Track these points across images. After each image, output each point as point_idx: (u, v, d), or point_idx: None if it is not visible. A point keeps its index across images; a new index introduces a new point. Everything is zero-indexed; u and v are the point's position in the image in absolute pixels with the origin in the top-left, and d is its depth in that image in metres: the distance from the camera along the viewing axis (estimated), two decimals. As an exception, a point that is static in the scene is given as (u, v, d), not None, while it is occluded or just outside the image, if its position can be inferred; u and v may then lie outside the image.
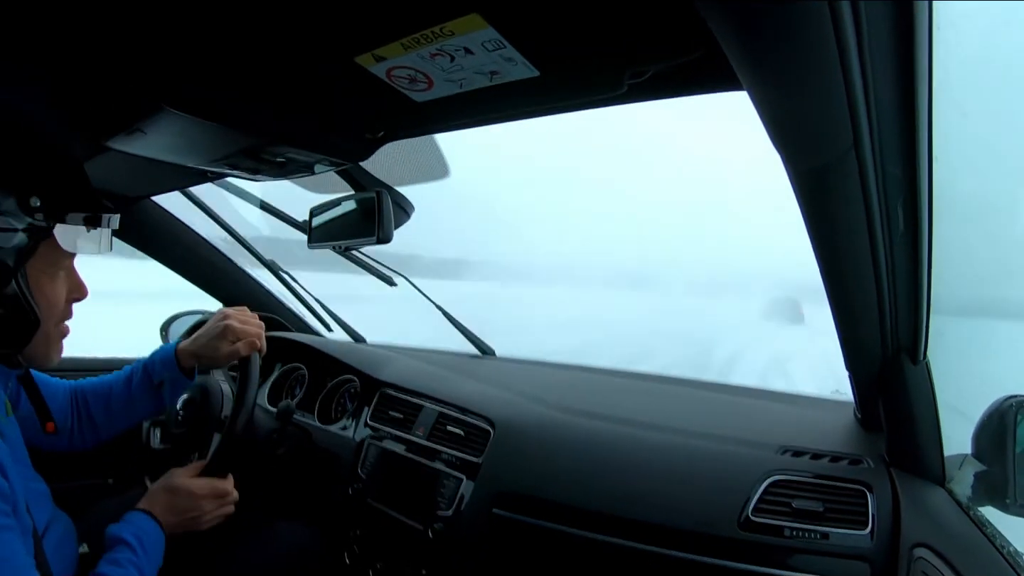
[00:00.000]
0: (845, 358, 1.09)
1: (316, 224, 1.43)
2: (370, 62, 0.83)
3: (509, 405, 1.49)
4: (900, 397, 1.02)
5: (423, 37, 0.75)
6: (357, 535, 1.56)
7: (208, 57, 0.88)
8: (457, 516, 1.34)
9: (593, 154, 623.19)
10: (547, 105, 0.95)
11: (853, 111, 0.59)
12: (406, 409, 1.61)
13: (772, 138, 0.65)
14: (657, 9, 0.67)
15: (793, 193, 0.73)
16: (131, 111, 1.00)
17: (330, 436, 1.69)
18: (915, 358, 0.99)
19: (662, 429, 1.32)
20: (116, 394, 1.25)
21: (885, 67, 0.58)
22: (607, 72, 0.81)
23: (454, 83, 0.86)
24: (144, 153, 1.18)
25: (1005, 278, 1.74)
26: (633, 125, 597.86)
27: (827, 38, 0.50)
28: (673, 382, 1.75)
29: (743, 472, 1.14)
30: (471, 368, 1.86)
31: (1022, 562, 0.86)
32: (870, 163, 0.66)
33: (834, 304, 0.94)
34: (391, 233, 1.25)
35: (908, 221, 0.77)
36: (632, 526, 1.15)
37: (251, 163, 1.21)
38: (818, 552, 1.03)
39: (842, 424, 1.33)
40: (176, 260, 2.06)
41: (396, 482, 1.50)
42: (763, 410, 1.47)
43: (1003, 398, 0.97)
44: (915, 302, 0.89)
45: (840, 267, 0.85)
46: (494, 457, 1.36)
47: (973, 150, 0.95)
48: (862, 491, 1.06)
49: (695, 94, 0.85)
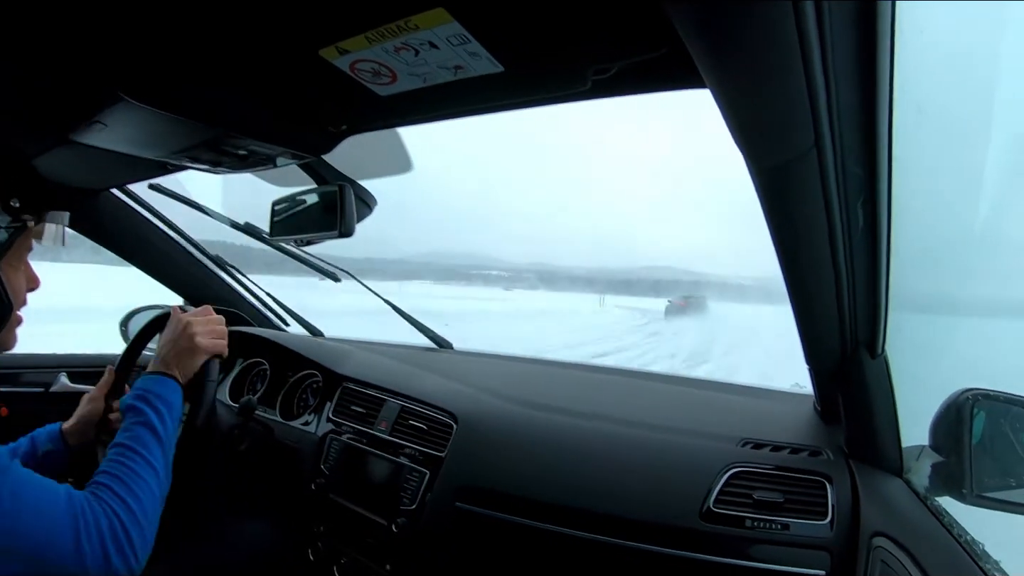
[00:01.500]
0: (805, 352, 1.10)
1: (277, 218, 1.41)
2: (333, 55, 0.82)
3: (472, 399, 1.49)
4: (859, 390, 1.03)
5: (388, 31, 0.74)
6: (321, 531, 1.54)
7: (169, 48, 0.86)
8: (420, 510, 1.34)
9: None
10: (511, 100, 0.94)
11: (815, 110, 0.59)
12: (368, 404, 1.60)
13: (734, 135, 0.65)
14: (622, 6, 0.67)
15: (754, 190, 0.74)
16: (91, 103, 0.99)
17: (292, 431, 1.67)
18: (874, 352, 1.00)
19: (624, 422, 1.33)
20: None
21: (848, 67, 0.59)
22: (571, 68, 0.80)
23: (418, 77, 0.86)
24: (104, 145, 1.16)
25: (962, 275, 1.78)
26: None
27: (790, 37, 0.50)
28: (633, 375, 1.77)
29: (704, 464, 1.15)
30: (431, 362, 1.85)
31: (978, 550, 0.88)
32: (831, 162, 0.67)
33: (794, 299, 0.95)
34: (353, 227, 1.24)
35: (868, 219, 0.78)
36: (595, 518, 1.15)
37: (212, 155, 1.19)
38: (779, 542, 1.05)
39: (802, 417, 1.35)
40: (136, 254, 2.01)
41: (359, 477, 1.49)
42: (724, 403, 1.49)
43: (960, 391, 0.99)
44: (874, 298, 0.91)
45: (800, 263, 0.86)
46: (457, 451, 1.36)
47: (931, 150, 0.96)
48: (822, 482, 1.08)
49: (659, 91, 0.85)
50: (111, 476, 0.97)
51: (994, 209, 1.40)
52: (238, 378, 1.94)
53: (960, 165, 1.27)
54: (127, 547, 0.92)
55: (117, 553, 0.90)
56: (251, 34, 0.81)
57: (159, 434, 1.05)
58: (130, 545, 0.92)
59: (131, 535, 0.93)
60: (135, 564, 0.93)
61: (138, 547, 0.93)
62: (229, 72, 0.93)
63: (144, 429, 1.04)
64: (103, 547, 0.89)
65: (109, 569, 0.89)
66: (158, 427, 1.05)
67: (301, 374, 1.82)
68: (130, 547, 0.92)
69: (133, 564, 0.92)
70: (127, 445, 1.02)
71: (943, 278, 1.63)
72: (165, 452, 1.05)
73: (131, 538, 0.93)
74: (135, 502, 0.96)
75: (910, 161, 0.76)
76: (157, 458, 1.02)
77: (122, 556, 0.91)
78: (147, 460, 1.01)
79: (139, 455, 1.01)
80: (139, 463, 1.00)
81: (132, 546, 0.93)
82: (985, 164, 1.30)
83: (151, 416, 1.05)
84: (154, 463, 1.01)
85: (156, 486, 1.00)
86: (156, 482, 1.01)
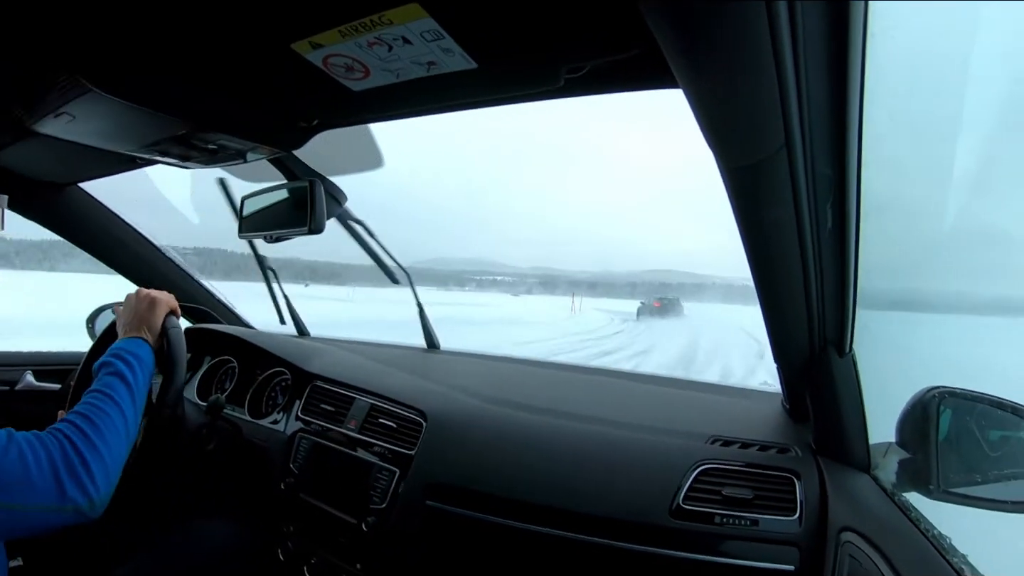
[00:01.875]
0: (774, 350, 1.11)
1: (247, 213, 1.40)
2: (306, 49, 0.82)
3: (442, 397, 1.49)
4: (827, 388, 1.05)
5: (361, 25, 0.74)
6: (290, 531, 1.53)
7: (137, 38, 0.85)
8: (391, 509, 1.33)
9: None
10: (484, 97, 0.95)
11: (786, 111, 0.60)
12: (337, 402, 1.58)
13: (705, 135, 0.66)
14: (596, 6, 0.67)
15: (725, 189, 0.74)
16: (57, 93, 0.96)
17: (261, 430, 1.65)
18: (841, 351, 1.02)
19: (594, 420, 1.33)
20: None
21: (819, 69, 0.59)
22: (544, 66, 0.81)
23: (391, 73, 0.85)
24: (71, 138, 1.14)
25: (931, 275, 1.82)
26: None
27: (763, 39, 0.50)
28: (604, 374, 1.77)
29: (674, 461, 1.16)
30: (408, 361, 1.84)
31: (945, 544, 0.89)
32: (801, 163, 0.68)
33: (763, 298, 0.96)
34: (323, 223, 1.23)
35: (836, 219, 0.79)
36: (564, 516, 1.16)
37: (182, 150, 1.17)
38: (748, 538, 1.05)
39: (771, 414, 1.36)
40: (103, 250, 1.98)
41: (328, 476, 1.48)
42: (693, 401, 1.50)
43: (926, 389, 1.01)
44: (842, 297, 0.92)
45: (769, 263, 0.87)
46: (427, 449, 1.36)
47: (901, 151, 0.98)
48: (790, 478, 1.09)
49: (632, 90, 0.86)
50: (75, 413, 0.96)
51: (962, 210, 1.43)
52: (206, 376, 1.91)
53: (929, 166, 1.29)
54: (83, 474, 0.88)
55: (71, 479, 0.87)
56: (223, 26, 0.80)
57: (128, 381, 1.04)
58: (87, 472, 0.89)
59: (88, 463, 0.89)
60: (94, 493, 0.89)
61: (97, 476, 0.90)
62: (199, 64, 0.92)
63: (114, 378, 1.03)
64: (55, 474, 0.86)
65: (64, 499, 0.85)
66: (127, 375, 1.05)
67: (269, 372, 1.80)
68: (87, 474, 0.88)
69: (92, 493, 0.88)
70: (96, 390, 1.01)
71: (911, 278, 1.66)
72: (135, 399, 1.04)
73: (88, 465, 0.89)
74: (95, 433, 0.93)
75: (879, 162, 0.77)
76: (125, 401, 1.01)
77: (76, 483, 0.87)
78: (115, 401, 1.00)
79: (107, 396, 1.00)
80: (106, 402, 0.99)
81: (90, 474, 0.89)
82: (954, 165, 1.33)
83: (121, 366, 1.05)
84: (122, 405, 1.00)
85: (122, 426, 0.98)
86: (123, 422, 0.99)
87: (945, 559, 0.85)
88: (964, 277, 2.49)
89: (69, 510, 0.86)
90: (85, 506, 0.88)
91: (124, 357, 1.08)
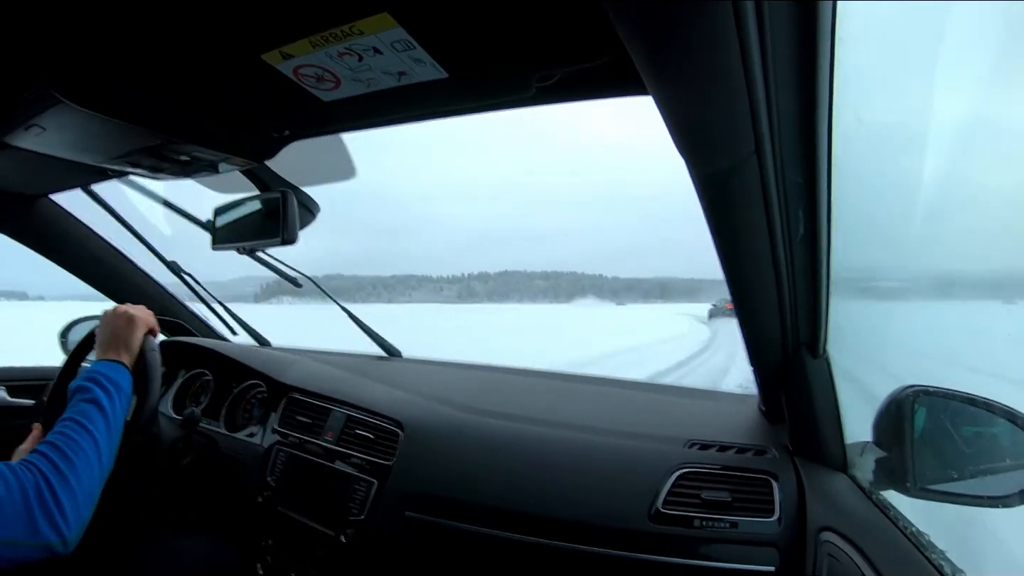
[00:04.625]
0: (749, 354, 1.12)
1: (220, 224, 1.38)
2: (277, 59, 0.81)
3: (418, 407, 1.48)
4: (801, 390, 1.06)
5: (332, 35, 0.74)
6: (269, 544, 1.51)
7: (109, 50, 0.84)
8: (370, 520, 1.32)
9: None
10: (455, 106, 0.95)
11: (755, 118, 0.60)
12: (314, 413, 1.57)
13: (676, 142, 0.66)
14: (566, 15, 0.67)
15: (696, 195, 0.75)
16: (27, 105, 0.95)
17: (237, 443, 1.63)
18: (815, 352, 1.03)
19: (571, 427, 1.33)
20: None
21: (788, 75, 0.60)
22: (515, 75, 0.81)
23: (361, 83, 0.85)
24: (42, 150, 1.12)
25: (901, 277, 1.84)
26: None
27: (731, 46, 0.51)
28: (580, 380, 1.77)
29: (652, 466, 1.16)
30: (378, 370, 1.83)
31: (924, 541, 0.90)
32: (771, 168, 0.68)
33: (737, 302, 0.97)
34: (296, 234, 1.22)
35: (807, 223, 0.80)
36: (544, 523, 1.16)
37: (153, 161, 1.16)
38: (727, 540, 1.06)
39: (747, 417, 1.37)
40: (75, 262, 1.95)
41: (306, 488, 1.46)
42: (670, 406, 1.50)
43: (901, 388, 1.02)
44: (814, 300, 0.93)
45: (742, 267, 0.88)
46: (404, 459, 1.35)
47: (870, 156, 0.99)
48: (768, 480, 1.10)
49: (602, 98, 0.87)
50: (48, 444, 0.93)
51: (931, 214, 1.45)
52: (181, 390, 1.88)
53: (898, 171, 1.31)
54: (55, 512, 0.86)
55: (43, 517, 0.85)
56: (193, 37, 0.80)
57: (105, 410, 1.01)
58: (59, 510, 0.87)
59: (60, 499, 0.87)
60: (66, 532, 0.87)
61: (69, 514, 0.88)
62: (170, 75, 0.92)
63: (90, 405, 1.00)
64: (27, 510, 0.84)
65: (37, 536, 0.84)
66: (105, 404, 1.02)
67: (245, 384, 1.78)
68: (59, 512, 0.86)
69: (64, 530, 0.87)
70: (70, 418, 0.98)
71: (882, 280, 1.68)
72: (110, 430, 1.01)
73: (60, 502, 0.87)
74: (68, 467, 0.91)
75: (849, 167, 0.78)
76: (100, 432, 0.98)
77: (49, 521, 0.85)
78: (89, 432, 0.97)
79: (81, 427, 0.97)
80: (80, 433, 0.96)
81: (62, 511, 0.87)
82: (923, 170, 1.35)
83: (98, 393, 1.02)
84: (96, 436, 0.97)
85: (96, 459, 0.96)
86: (96, 455, 0.96)
87: (924, 556, 0.86)
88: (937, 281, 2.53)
89: (41, 546, 0.85)
90: (57, 543, 0.86)
91: (102, 383, 1.05)
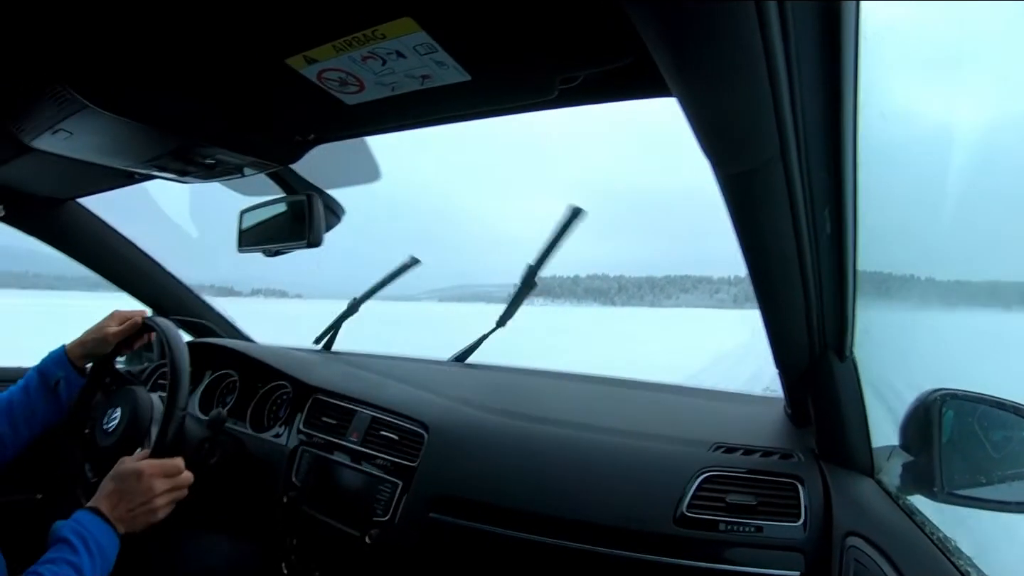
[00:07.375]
0: (774, 355, 1.11)
1: (246, 227, 1.40)
2: (301, 64, 0.82)
3: (442, 408, 1.48)
4: (828, 393, 1.05)
5: (355, 40, 0.74)
6: (293, 544, 1.52)
7: (136, 55, 0.85)
8: (394, 521, 1.32)
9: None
10: (478, 109, 0.95)
11: (779, 117, 0.60)
12: (339, 414, 1.58)
13: (700, 143, 0.66)
14: (588, 16, 0.67)
15: (721, 196, 0.74)
16: (55, 110, 0.96)
17: (263, 444, 1.64)
18: (842, 355, 1.02)
19: (595, 429, 1.32)
20: (16, 404, 1.25)
21: (812, 75, 0.59)
22: (538, 77, 0.81)
23: (385, 86, 0.85)
24: (69, 154, 1.14)
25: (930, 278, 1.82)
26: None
27: (755, 46, 0.50)
28: (604, 382, 1.76)
29: (677, 469, 1.15)
30: (408, 372, 1.83)
31: (951, 547, 0.89)
32: (796, 168, 0.68)
33: (762, 304, 0.96)
34: (321, 237, 1.23)
35: (834, 224, 0.79)
36: (568, 525, 1.15)
37: (179, 165, 1.17)
38: (753, 545, 1.05)
39: (773, 420, 1.36)
40: (102, 264, 1.98)
41: (331, 489, 1.47)
42: (695, 408, 1.50)
43: (929, 391, 1.01)
44: (841, 302, 0.92)
45: (767, 269, 0.87)
46: (429, 461, 1.35)
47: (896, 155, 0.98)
48: (794, 484, 1.08)
49: (626, 100, 0.86)
50: None
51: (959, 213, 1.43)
52: (207, 390, 1.91)
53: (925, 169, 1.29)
54: None
55: None
56: (218, 42, 0.80)
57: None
58: None
59: None
60: None
61: None
62: (195, 80, 0.92)
63: (68, 568, 0.93)
64: None
65: None
66: (85, 569, 0.95)
67: (271, 385, 1.79)
68: None
69: None
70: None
71: (910, 281, 1.66)
72: None
73: None
74: None
75: (875, 166, 0.77)
76: None
77: None
78: None
79: None
80: None
81: None
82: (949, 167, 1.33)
83: (83, 561, 0.95)
84: None
85: None
86: None
87: (951, 562, 0.85)
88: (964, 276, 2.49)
89: None
90: None
91: (90, 548, 0.97)
